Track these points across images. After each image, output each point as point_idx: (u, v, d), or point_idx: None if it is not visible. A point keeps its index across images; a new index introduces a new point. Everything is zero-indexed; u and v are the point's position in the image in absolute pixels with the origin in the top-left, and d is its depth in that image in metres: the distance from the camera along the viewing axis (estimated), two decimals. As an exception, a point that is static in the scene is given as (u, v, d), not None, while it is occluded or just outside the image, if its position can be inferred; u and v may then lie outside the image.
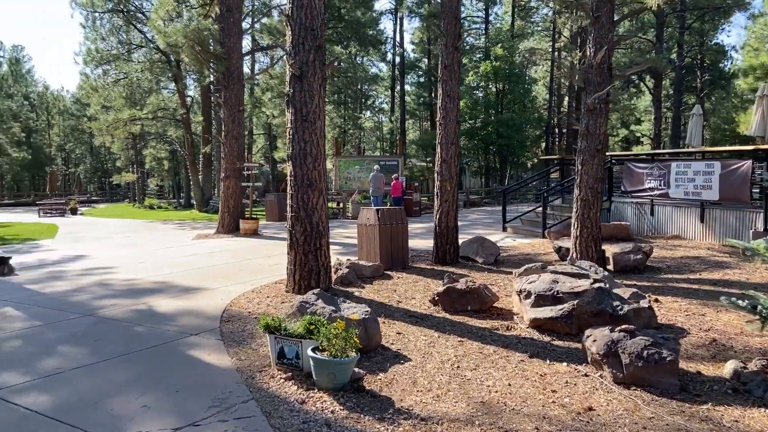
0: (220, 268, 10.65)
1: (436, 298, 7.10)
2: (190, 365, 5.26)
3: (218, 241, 15.27)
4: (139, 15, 30.18)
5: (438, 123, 10.44)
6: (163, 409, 4.25)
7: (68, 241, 16.56)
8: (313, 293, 5.87)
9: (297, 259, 8.04)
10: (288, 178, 8.23)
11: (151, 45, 30.74)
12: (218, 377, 4.93)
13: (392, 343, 5.84)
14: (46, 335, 6.25)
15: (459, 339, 5.96)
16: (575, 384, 4.66)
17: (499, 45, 33.43)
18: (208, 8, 17.00)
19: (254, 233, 16.38)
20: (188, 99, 33.89)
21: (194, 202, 33.38)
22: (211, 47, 17.13)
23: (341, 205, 23.60)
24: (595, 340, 4.91)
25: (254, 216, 17.23)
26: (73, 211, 31.00)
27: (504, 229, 15.73)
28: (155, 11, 18.07)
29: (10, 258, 10.73)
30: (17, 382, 4.81)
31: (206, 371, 5.09)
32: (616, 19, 9.24)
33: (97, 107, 34.34)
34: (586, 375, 4.86)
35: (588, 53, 9.21)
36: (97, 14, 30.09)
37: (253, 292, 8.34)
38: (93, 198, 52.69)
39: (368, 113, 46.72)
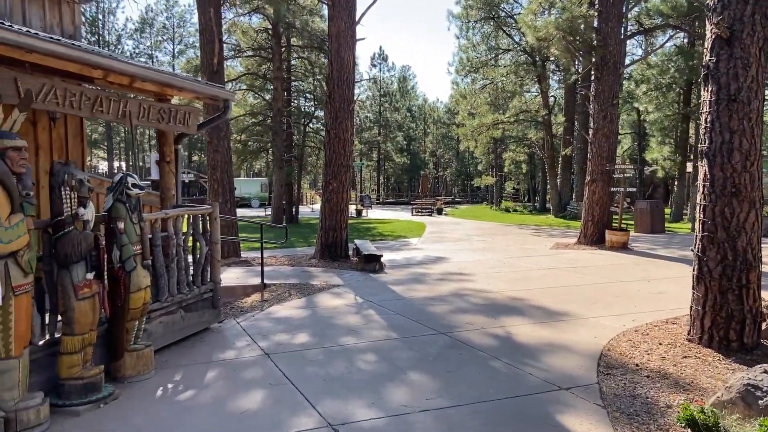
0: (586, 290, 8.88)
1: None
2: (562, 444, 3.72)
3: (580, 254, 13.47)
4: (509, 20, 30.56)
5: None
6: None
7: (432, 241, 17.25)
8: (766, 371, 3.59)
9: (708, 298, 5.67)
10: (699, 182, 5.91)
11: (518, 48, 30.84)
12: (607, 482, 3.24)
13: None
14: (398, 353, 5.62)
15: None
16: None
17: None
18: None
19: (623, 247, 13.98)
20: (550, 99, 32.86)
21: (550, 207, 32.21)
22: (579, 36, 15.40)
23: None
24: None
25: (624, 227, 14.77)
26: (439, 211, 33.57)
27: None
28: (527, 7, 17.40)
29: (381, 256, 11.23)
30: (362, 417, 4.10)
31: (587, 463, 3.46)
32: None
33: (464, 114, 36.54)
34: None
35: None
36: (470, 24, 31.84)
37: (637, 332, 6.32)
38: (456, 199, 57.24)
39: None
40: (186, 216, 6.20)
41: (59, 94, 4.39)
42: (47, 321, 4.41)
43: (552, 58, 28.83)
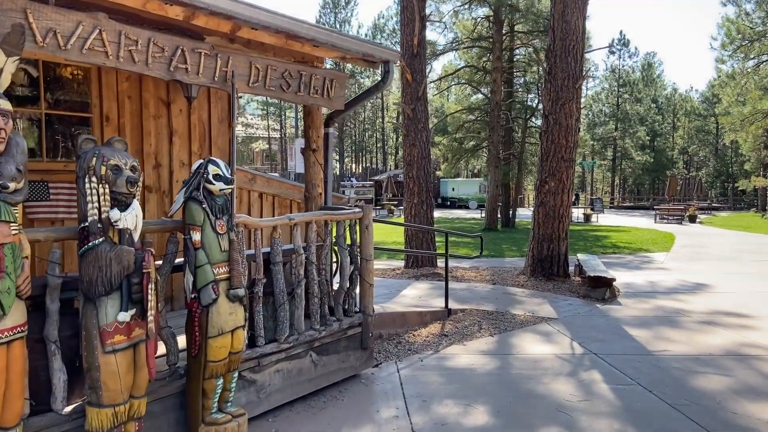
0: None
1: None
2: None
3: None
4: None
5: None
6: None
7: (684, 259, 13.30)
8: None
9: None
10: None
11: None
12: None
13: None
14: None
15: None
16: None
17: None
18: None
19: None
20: None
21: None
22: None
23: None
24: None
25: None
26: (692, 219, 27.66)
27: None
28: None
29: (613, 280, 8.35)
30: None
31: None
32: None
33: (730, 100, 29.63)
34: None
35: None
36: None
37: None
38: (713, 205, 47.80)
39: None
40: (341, 222, 4.51)
41: (108, 40, 2.97)
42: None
43: None
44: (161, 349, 3.38)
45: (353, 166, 59.18)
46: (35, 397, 2.77)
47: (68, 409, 2.87)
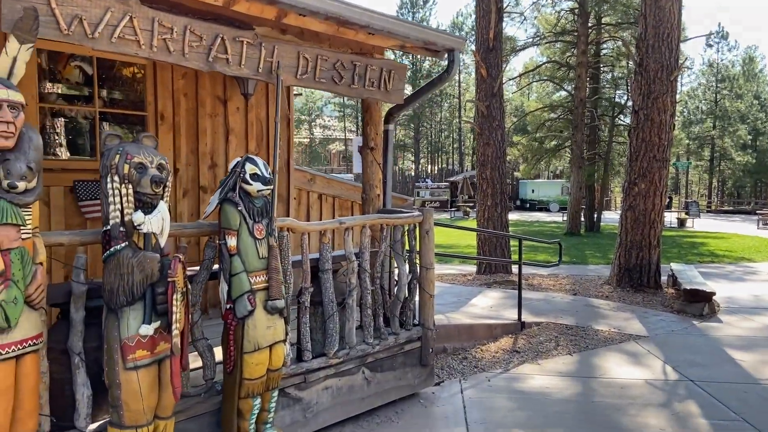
0: None
1: None
2: None
3: None
4: None
5: None
6: None
7: (798, 271, 11.80)
8: None
9: None
10: None
11: None
12: None
13: None
14: None
15: None
16: None
17: None
18: None
19: None
20: None
21: None
22: None
23: None
24: None
25: None
26: (801, 226, 24.91)
27: None
28: None
29: (713, 294, 7.40)
30: None
31: None
32: None
33: None
34: None
35: None
36: None
37: None
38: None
39: None
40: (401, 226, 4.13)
41: (140, 28, 2.74)
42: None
43: None
44: (198, 362, 3.15)
45: (429, 167, 58.64)
46: (60, 412, 2.59)
47: (92, 426, 2.67)
